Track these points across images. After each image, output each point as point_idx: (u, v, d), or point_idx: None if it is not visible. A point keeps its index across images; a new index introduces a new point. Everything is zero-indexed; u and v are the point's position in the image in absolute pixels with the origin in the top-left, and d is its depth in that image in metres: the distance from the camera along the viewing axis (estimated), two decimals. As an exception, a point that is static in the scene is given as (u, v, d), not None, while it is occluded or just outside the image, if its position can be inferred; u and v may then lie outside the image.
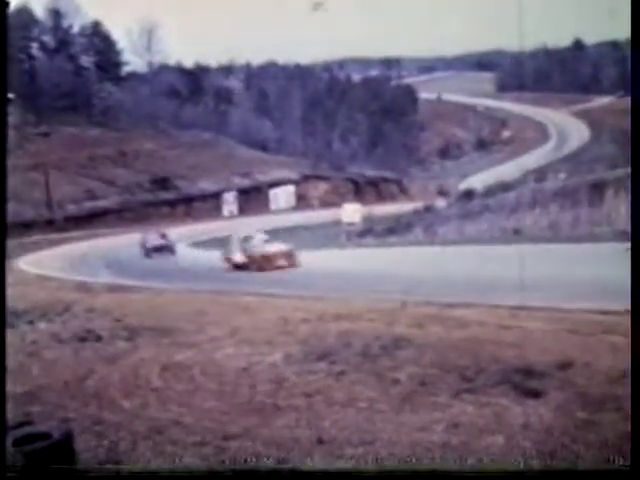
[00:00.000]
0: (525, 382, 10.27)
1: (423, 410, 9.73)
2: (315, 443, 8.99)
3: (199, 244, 57.35)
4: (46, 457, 7.76)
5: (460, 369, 11.14)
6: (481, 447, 8.48)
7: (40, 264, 46.29)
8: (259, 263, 35.12)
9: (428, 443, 8.70)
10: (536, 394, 9.85)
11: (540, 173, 66.34)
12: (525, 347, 12.08)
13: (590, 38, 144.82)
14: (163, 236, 54.84)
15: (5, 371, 8.86)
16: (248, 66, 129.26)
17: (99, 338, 16.22)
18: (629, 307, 8.85)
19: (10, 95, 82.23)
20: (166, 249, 51.52)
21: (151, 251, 50.99)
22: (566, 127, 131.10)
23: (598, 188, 35.82)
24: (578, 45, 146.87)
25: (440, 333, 13.90)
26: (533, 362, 11.06)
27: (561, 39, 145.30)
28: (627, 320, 13.35)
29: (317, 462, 8.54)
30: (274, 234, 50.47)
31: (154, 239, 53.50)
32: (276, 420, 9.85)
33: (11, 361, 10.91)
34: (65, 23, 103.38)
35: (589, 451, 8.17)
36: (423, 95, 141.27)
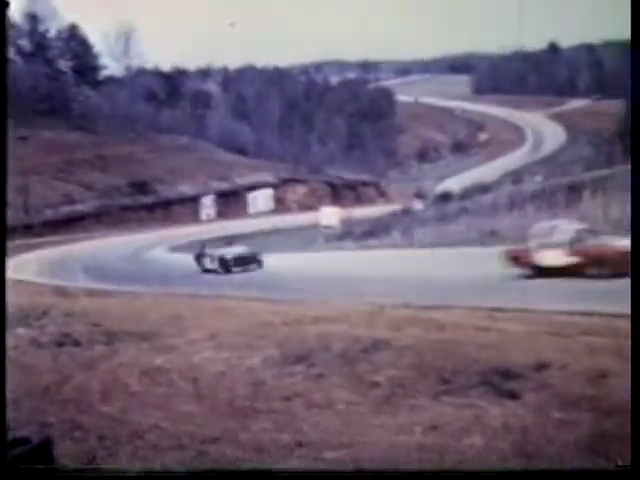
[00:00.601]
0: (503, 383, 10.32)
1: (402, 412, 9.76)
2: (294, 446, 9.01)
3: (177, 248, 57.11)
4: (25, 462, 7.74)
5: (438, 371, 11.18)
6: (460, 448, 8.52)
7: (18, 269, 45.99)
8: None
9: (407, 445, 8.73)
10: (514, 395, 9.90)
11: (517, 175, 66.56)
12: (503, 349, 12.13)
13: (566, 41, 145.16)
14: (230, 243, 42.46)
15: (5, 372, 8.87)
16: (226, 69, 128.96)
17: (77, 343, 16.15)
18: (606, 308, 8.93)
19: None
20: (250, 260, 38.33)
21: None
22: (542, 130, 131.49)
23: (574, 190, 35.96)
24: (553, 48, 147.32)
25: (418, 335, 13.92)
26: (511, 364, 11.11)
27: (537, 42, 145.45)
28: (604, 321, 13.51)
29: (295, 465, 8.56)
30: (252, 238, 50.45)
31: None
32: (255, 423, 9.85)
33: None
34: (42, 27, 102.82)
35: (566, 451, 8.23)
36: (400, 98, 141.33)
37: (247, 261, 36.68)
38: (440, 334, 13.88)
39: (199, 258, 38.86)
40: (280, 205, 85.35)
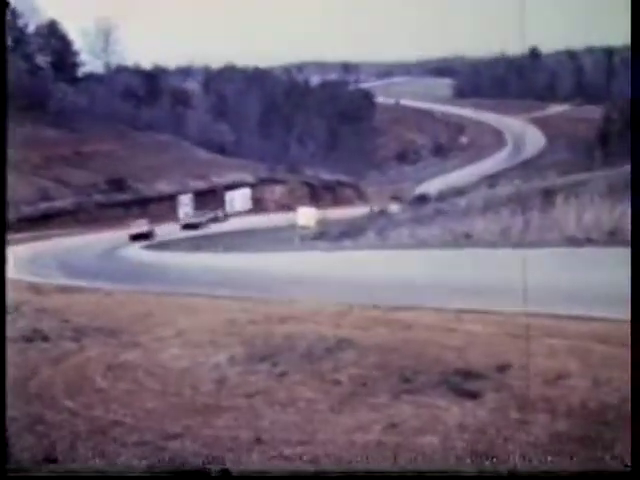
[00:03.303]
0: (463, 384, 10.42)
1: (362, 410, 9.84)
2: (254, 442, 9.08)
3: (151, 246, 57.11)
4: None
5: (401, 370, 11.26)
6: (416, 447, 8.61)
7: (-8, 264, 45.89)
8: None
9: (364, 443, 8.81)
10: (473, 395, 10.00)
11: (494, 179, 66.83)
12: (466, 350, 12.23)
13: (547, 47, 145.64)
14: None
15: (5, 372, 8.90)
16: (207, 69, 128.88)
17: (46, 338, 16.17)
18: (572, 311, 9.04)
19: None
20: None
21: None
22: (522, 134, 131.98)
23: (549, 194, 36.16)
24: (535, 53, 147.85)
25: (384, 335, 14.02)
26: (473, 364, 11.22)
27: (519, 47, 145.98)
28: (565, 323, 13.65)
29: (254, 461, 8.64)
30: (228, 237, 50.54)
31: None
32: (216, 420, 9.92)
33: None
34: (21, 22, 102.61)
35: (521, 450, 8.34)
36: (381, 100, 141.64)
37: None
38: (406, 334, 13.98)
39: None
40: (258, 205, 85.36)
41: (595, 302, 14.94)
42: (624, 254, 9.89)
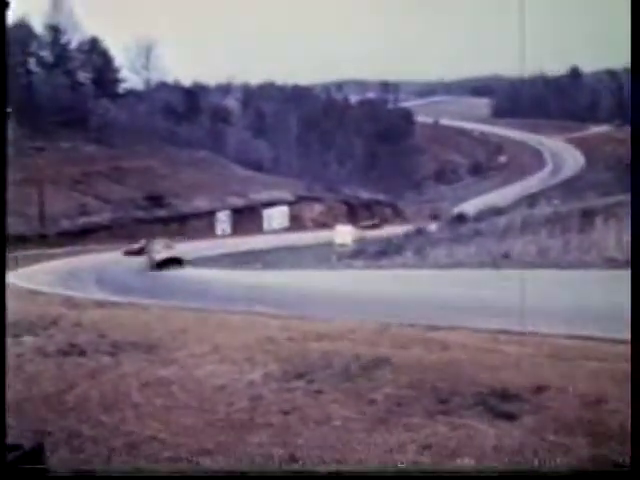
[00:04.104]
0: (500, 405, 10.34)
1: (397, 430, 9.78)
2: (288, 460, 9.04)
3: (190, 262, 57.35)
4: (16, 468, 7.81)
5: (437, 391, 11.20)
6: (451, 468, 8.55)
7: (31, 278, 46.29)
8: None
9: (399, 463, 8.76)
10: (510, 417, 9.91)
11: (533, 199, 66.60)
12: (503, 370, 12.15)
13: (588, 66, 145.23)
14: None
15: (5, 377, 8.92)
16: (246, 86, 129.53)
17: (83, 353, 16.22)
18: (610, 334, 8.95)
19: (7, 109, 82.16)
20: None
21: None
22: (562, 154, 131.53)
23: (588, 215, 35.98)
24: (575, 73, 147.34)
25: (420, 355, 13.96)
26: (509, 385, 11.13)
27: (559, 66, 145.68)
28: (605, 346, 13.50)
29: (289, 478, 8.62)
30: (266, 254, 50.68)
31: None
32: (251, 437, 9.89)
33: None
34: (63, 39, 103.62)
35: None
36: (420, 119, 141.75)
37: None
38: (442, 354, 13.92)
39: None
40: (296, 222, 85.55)
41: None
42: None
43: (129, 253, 62.86)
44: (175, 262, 52.86)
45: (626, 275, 8.41)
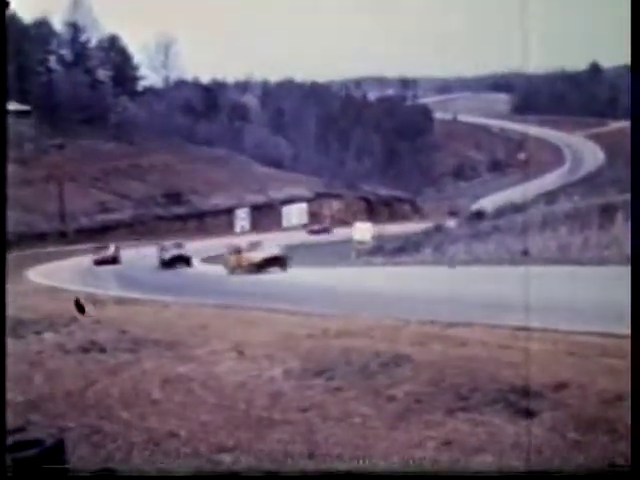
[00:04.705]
0: (519, 402, 10.32)
1: (416, 427, 9.78)
2: (307, 457, 9.05)
3: (210, 259, 57.45)
4: (36, 464, 7.86)
5: (456, 387, 11.18)
6: (471, 464, 8.54)
7: (51, 275, 46.50)
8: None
9: (419, 460, 8.76)
10: (529, 414, 9.89)
11: (552, 195, 66.31)
12: (522, 367, 12.11)
13: (607, 61, 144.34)
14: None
15: (5, 376, 8.96)
16: (265, 83, 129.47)
17: (103, 349, 16.27)
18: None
19: (26, 107, 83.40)
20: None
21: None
22: (582, 151, 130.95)
23: (608, 211, 35.82)
24: (595, 68, 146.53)
25: (440, 351, 13.94)
26: (529, 382, 11.10)
27: (578, 62, 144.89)
28: (625, 343, 13.44)
29: (307, 476, 8.62)
30: (286, 251, 50.64)
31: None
32: (270, 434, 9.90)
33: (15, 371, 11.04)
34: (83, 37, 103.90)
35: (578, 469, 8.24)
36: (439, 115, 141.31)
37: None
38: (462, 351, 13.89)
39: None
40: (314, 219, 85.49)
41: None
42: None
43: (100, 262, 57.25)
44: (183, 260, 53.49)
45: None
